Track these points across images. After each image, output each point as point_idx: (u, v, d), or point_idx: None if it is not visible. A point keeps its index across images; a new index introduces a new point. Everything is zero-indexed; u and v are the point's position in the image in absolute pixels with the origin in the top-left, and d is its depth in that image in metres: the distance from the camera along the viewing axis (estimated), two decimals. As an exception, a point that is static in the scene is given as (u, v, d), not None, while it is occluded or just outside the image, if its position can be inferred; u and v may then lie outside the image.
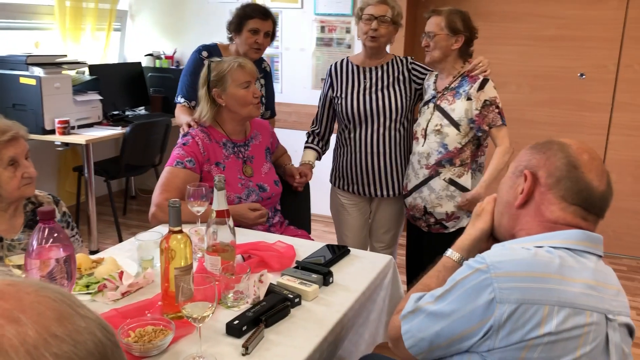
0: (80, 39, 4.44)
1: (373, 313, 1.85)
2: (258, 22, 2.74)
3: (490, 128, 2.34)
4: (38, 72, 3.66)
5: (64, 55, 4.03)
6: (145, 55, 4.97)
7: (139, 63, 4.90)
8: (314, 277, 1.71)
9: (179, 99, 2.82)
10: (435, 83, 2.51)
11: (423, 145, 2.46)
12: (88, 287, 1.64)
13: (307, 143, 2.83)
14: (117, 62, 5.04)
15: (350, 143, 2.68)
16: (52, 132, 3.72)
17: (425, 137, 2.45)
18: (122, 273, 1.66)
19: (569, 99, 4.05)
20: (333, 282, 1.75)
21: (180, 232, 1.50)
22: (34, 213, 1.88)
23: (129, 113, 4.58)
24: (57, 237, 1.31)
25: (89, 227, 3.88)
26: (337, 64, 2.73)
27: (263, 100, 2.92)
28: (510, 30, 4.10)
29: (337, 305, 1.62)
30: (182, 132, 2.38)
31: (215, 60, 2.33)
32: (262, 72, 2.91)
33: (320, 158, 2.86)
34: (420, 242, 2.62)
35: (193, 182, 2.14)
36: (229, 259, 1.68)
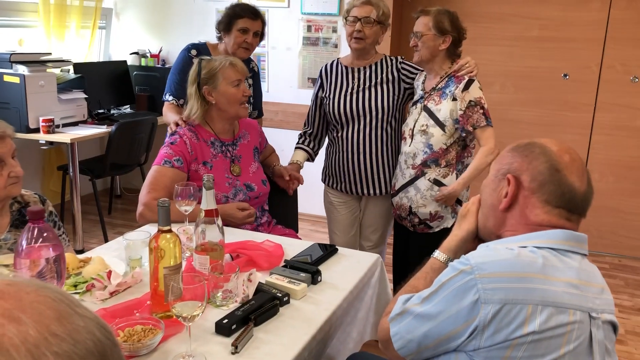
0: (65, 37, 4.40)
1: (361, 311, 1.87)
2: (247, 21, 2.74)
3: (475, 129, 2.33)
4: (22, 70, 3.63)
5: (49, 53, 4.00)
6: (131, 54, 4.94)
7: (125, 61, 4.86)
8: (303, 275, 1.73)
9: (167, 97, 2.79)
10: (424, 83, 2.52)
11: (410, 145, 2.47)
12: (76, 286, 1.63)
13: (297, 144, 2.85)
14: (102, 60, 5.00)
15: (339, 142, 2.69)
16: (36, 130, 3.69)
17: (412, 137, 2.47)
18: (110, 272, 1.66)
19: (553, 99, 4.10)
20: (321, 280, 1.76)
21: (170, 231, 1.50)
22: (20, 212, 1.86)
23: (115, 112, 4.56)
24: (46, 236, 1.31)
25: (74, 226, 3.85)
26: (327, 65, 2.75)
27: (251, 100, 2.92)
28: (495, 31, 4.14)
29: (325, 304, 1.63)
30: (169, 130, 2.37)
31: (206, 59, 2.33)
32: (250, 71, 2.90)
33: (313, 159, 2.87)
34: (407, 241, 2.64)
35: (181, 181, 2.14)
36: (218, 258, 1.69)
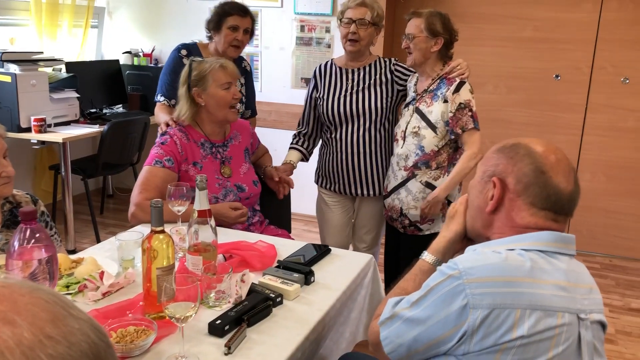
0: (57, 36, 4.38)
1: (354, 312, 1.87)
2: (237, 18, 2.74)
3: (463, 131, 2.33)
4: (13, 68, 3.61)
5: (40, 52, 3.98)
6: (123, 53, 4.92)
7: (117, 60, 4.84)
8: (296, 276, 1.73)
9: (159, 98, 2.79)
10: (416, 85, 2.52)
11: (402, 147, 2.48)
12: (68, 287, 1.63)
13: (291, 144, 2.85)
14: (94, 59, 4.98)
15: (332, 143, 2.70)
16: (28, 130, 3.67)
17: (404, 139, 2.47)
18: (102, 273, 1.65)
19: (545, 100, 4.13)
20: (314, 281, 1.77)
21: (163, 232, 1.50)
22: (12, 213, 1.85)
23: (107, 111, 4.54)
24: (38, 237, 1.30)
25: (66, 226, 3.84)
26: (322, 66, 2.75)
27: (243, 100, 2.92)
28: (487, 32, 4.15)
29: (318, 304, 1.63)
30: (160, 131, 2.37)
31: (197, 60, 2.32)
32: (242, 71, 2.90)
33: (308, 159, 2.87)
34: (397, 243, 2.64)
35: (172, 181, 2.14)
36: (211, 259, 1.68)
